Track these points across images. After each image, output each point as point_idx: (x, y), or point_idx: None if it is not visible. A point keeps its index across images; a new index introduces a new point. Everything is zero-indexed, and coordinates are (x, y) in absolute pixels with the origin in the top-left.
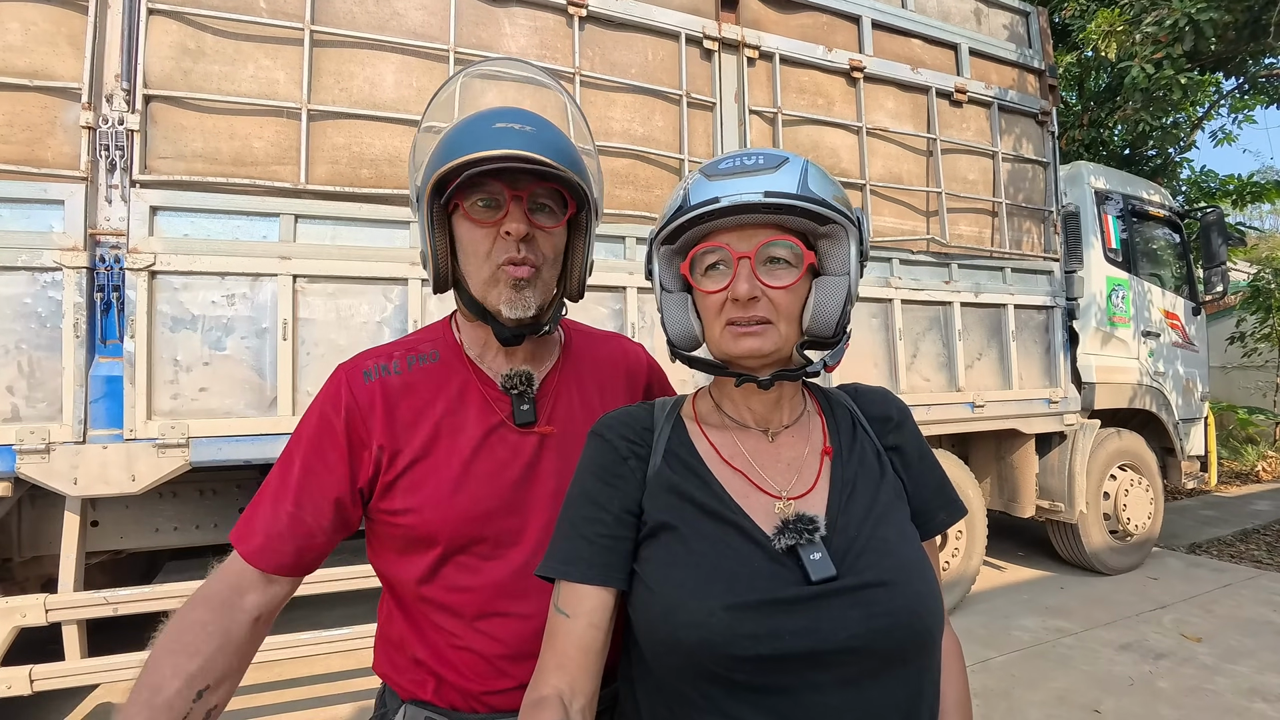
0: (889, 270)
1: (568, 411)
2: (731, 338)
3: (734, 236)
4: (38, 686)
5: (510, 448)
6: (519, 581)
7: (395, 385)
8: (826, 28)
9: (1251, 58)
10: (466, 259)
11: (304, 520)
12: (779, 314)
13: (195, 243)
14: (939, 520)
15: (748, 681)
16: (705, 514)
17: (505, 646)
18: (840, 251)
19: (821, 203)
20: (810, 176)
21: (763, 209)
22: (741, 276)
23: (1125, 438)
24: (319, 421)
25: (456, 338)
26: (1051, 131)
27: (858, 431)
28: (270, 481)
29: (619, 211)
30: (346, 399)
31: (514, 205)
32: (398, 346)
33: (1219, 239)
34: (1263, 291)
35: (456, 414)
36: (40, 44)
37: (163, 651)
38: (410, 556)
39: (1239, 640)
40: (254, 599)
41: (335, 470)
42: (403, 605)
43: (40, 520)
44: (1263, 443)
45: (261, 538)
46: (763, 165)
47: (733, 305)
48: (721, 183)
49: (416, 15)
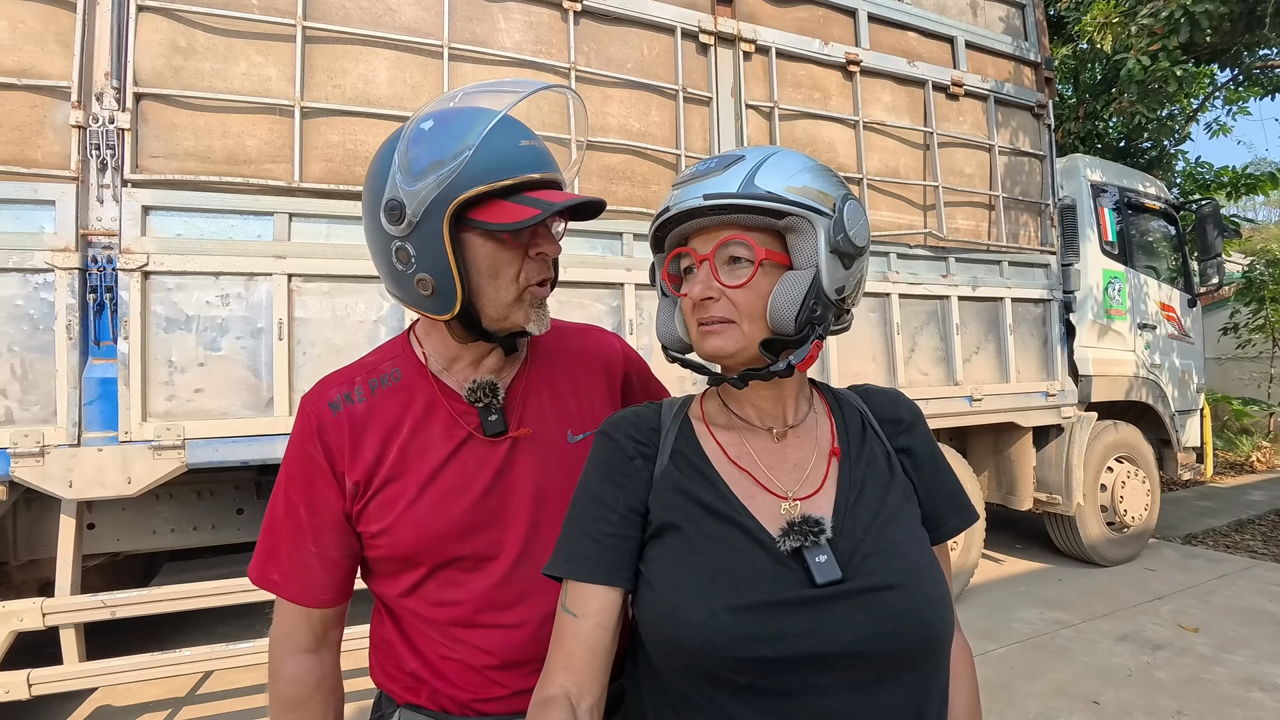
0: (886, 265)
1: (538, 412)
2: (700, 338)
3: (698, 240)
4: (36, 691)
5: (479, 460)
6: (503, 592)
7: (360, 413)
8: (823, 21)
9: (1247, 49)
10: (488, 280)
11: (328, 555)
12: (739, 313)
13: (188, 242)
14: (950, 525)
15: (750, 684)
16: (711, 514)
17: (494, 657)
18: (804, 244)
19: (766, 197)
20: (762, 172)
21: (709, 211)
22: (697, 279)
23: (1122, 430)
24: (304, 458)
25: (417, 353)
26: (1048, 124)
27: (867, 433)
28: (278, 524)
29: (616, 208)
30: (319, 433)
31: (546, 228)
32: (358, 370)
33: (1214, 231)
34: (1256, 283)
35: (422, 433)
36: (28, 42)
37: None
38: (393, 576)
39: (1236, 630)
40: (335, 634)
41: (333, 502)
42: (393, 616)
43: (37, 524)
44: (1257, 433)
45: (299, 583)
46: (714, 168)
47: (696, 306)
48: (681, 189)
49: (410, 11)
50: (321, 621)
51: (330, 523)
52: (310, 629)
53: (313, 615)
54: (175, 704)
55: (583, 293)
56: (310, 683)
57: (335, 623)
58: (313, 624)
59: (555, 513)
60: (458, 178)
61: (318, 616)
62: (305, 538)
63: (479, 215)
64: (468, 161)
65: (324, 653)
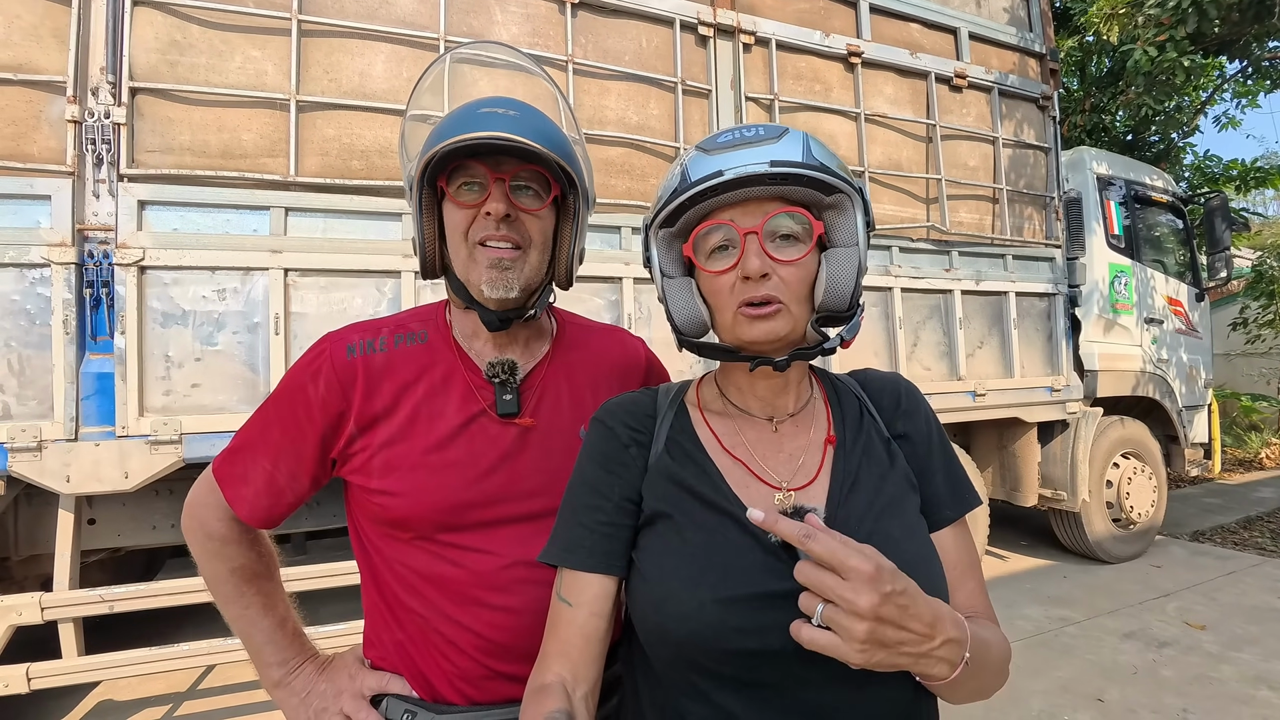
0: (889, 258)
1: (554, 405)
2: (746, 322)
3: (738, 212)
4: (35, 685)
5: (489, 438)
6: (497, 576)
7: (378, 363)
8: (824, 12)
9: (1256, 40)
10: (450, 241)
11: (276, 480)
12: (789, 292)
13: (184, 237)
14: (943, 516)
15: (737, 675)
16: (703, 504)
17: (480, 639)
18: (848, 222)
19: (828, 170)
20: (813, 146)
21: (768, 180)
22: (751, 252)
23: (1128, 425)
24: (298, 388)
25: (448, 320)
26: (1053, 116)
27: (865, 420)
28: (252, 432)
29: (614, 201)
30: (326, 371)
31: (495, 186)
32: (386, 323)
33: (1223, 224)
34: (1266, 277)
35: (437, 398)
36: (24, 37)
37: None
38: (387, 536)
39: (1243, 628)
40: (233, 550)
41: (307, 437)
42: (382, 594)
43: (37, 519)
44: (1266, 430)
45: (238, 486)
46: (764, 136)
47: (743, 285)
48: (723, 156)
49: (406, 3)
50: (231, 525)
51: (294, 453)
52: (223, 521)
53: (231, 515)
54: (176, 699)
55: (580, 287)
56: (219, 537)
57: (239, 538)
58: (226, 519)
59: (553, 506)
60: (424, 148)
61: (233, 518)
62: (266, 454)
63: (444, 181)
64: (433, 133)
65: (226, 541)
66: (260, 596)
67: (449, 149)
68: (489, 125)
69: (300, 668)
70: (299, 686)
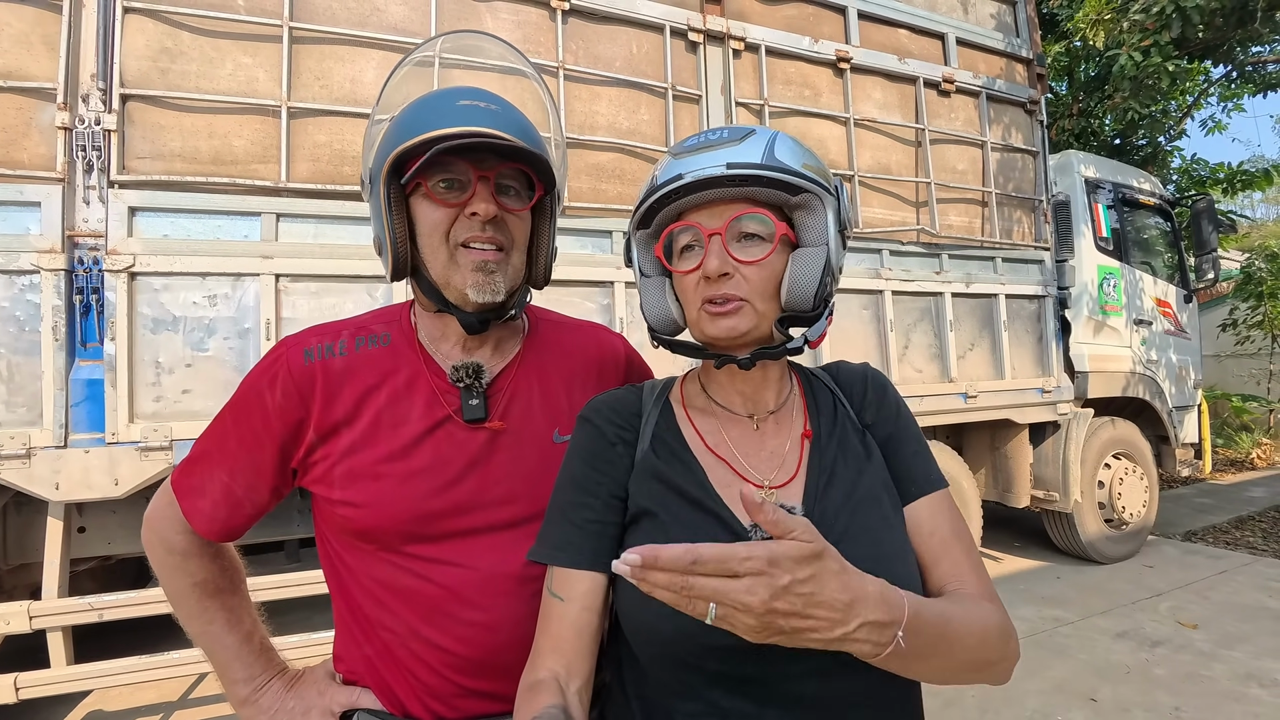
0: (879, 261)
1: (525, 407)
2: (709, 319)
3: (704, 214)
4: (24, 695)
5: (456, 444)
6: (468, 589)
7: (337, 367)
8: (812, 18)
9: (1239, 45)
10: (426, 242)
11: (233, 492)
12: (753, 290)
13: (175, 243)
14: (913, 489)
15: (722, 670)
16: (687, 502)
17: (450, 656)
18: (816, 222)
19: (789, 171)
20: (778, 146)
21: (727, 182)
22: (712, 253)
23: (1119, 426)
24: (254, 395)
25: (413, 322)
26: (1040, 120)
27: (839, 412)
28: (209, 442)
29: (605, 205)
30: (283, 377)
31: (481, 185)
32: (346, 325)
33: (1210, 226)
34: (1254, 279)
35: (400, 404)
36: (14, 44)
37: None
38: (352, 548)
39: (1235, 626)
40: (194, 564)
41: (265, 447)
42: (350, 607)
43: (26, 527)
44: (1257, 430)
45: (194, 499)
46: (727, 138)
47: (706, 283)
48: (687, 159)
49: (397, 10)
50: (192, 539)
51: (252, 464)
52: (183, 534)
53: (187, 528)
54: (167, 708)
55: (572, 291)
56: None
57: (200, 551)
58: (185, 531)
59: (527, 513)
60: (389, 139)
61: (189, 532)
62: (223, 465)
63: (420, 177)
64: (397, 123)
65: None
66: (224, 612)
67: (432, 145)
68: (472, 120)
69: (268, 685)
70: (266, 704)
